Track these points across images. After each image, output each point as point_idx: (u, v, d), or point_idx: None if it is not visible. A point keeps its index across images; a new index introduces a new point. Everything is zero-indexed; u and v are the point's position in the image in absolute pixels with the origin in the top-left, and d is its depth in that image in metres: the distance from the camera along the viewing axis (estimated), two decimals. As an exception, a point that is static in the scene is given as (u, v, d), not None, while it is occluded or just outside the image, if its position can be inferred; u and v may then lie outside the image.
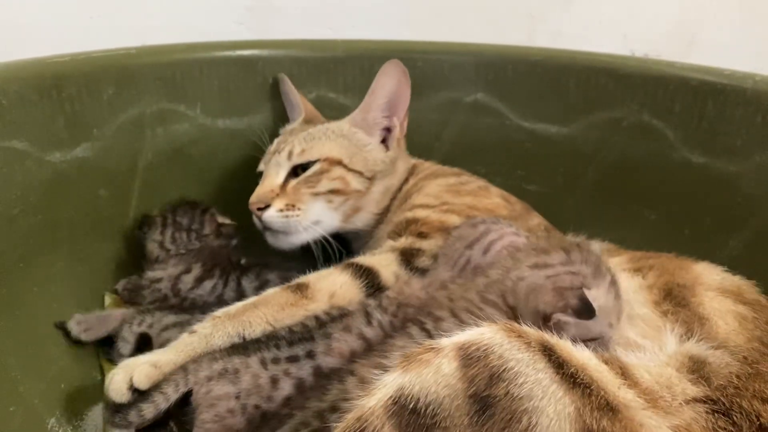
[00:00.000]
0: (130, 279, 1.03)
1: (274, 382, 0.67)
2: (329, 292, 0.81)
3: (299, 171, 1.02)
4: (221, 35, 1.26)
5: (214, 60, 1.15)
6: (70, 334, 0.90)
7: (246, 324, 0.77)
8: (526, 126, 1.23)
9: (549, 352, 0.52)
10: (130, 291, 1.01)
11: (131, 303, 0.98)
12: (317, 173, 1.01)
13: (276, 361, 0.69)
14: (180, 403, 0.69)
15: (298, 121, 1.16)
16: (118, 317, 0.92)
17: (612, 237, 0.97)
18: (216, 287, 0.96)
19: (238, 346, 0.74)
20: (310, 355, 0.69)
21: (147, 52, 1.10)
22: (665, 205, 1.08)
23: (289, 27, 1.47)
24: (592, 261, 0.68)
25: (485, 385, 0.48)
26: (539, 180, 1.23)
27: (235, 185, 1.17)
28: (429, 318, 0.68)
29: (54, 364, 0.84)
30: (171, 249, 1.00)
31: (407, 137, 1.14)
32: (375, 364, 0.60)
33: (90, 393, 0.83)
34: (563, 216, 1.11)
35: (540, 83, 1.20)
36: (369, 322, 0.72)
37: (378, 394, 0.50)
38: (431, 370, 0.50)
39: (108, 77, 1.00)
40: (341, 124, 1.09)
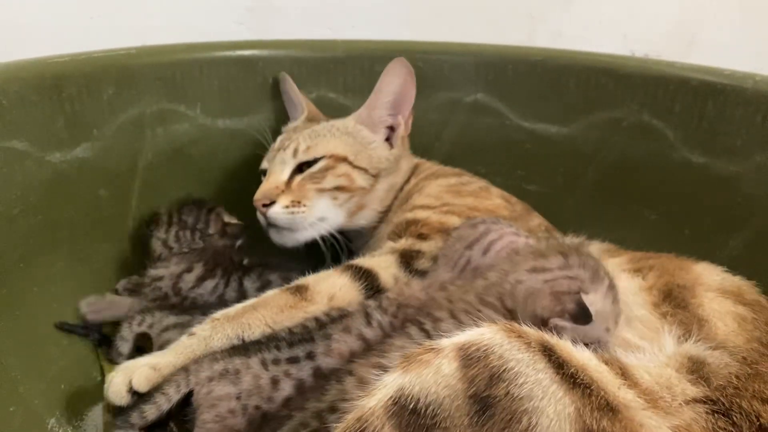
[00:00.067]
0: (130, 279, 1.03)
1: (274, 382, 0.67)
2: (328, 294, 0.81)
3: (304, 168, 1.02)
4: (221, 35, 1.26)
5: (214, 60, 1.15)
6: (71, 331, 0.91)
7: (245, 326, 0.77)
8: (526, 126, 1.23)
9: (549, 352, 0.52)
10: (130, 291, 1.01)
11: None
12: (323, 170, 1.01)
13: (276, 362, 0.69)
14: (180, 404, 0.69)
15: (301, 119, 1.16)
16: (126, 304, 0.94)
17: (612, 237, 0.97)
18: (217, 287, 0.95)
19: (238, 347, 0.74)
20: (310, 356, 0.69)
21: (147, 52, 1.10)
22: (665, 205, 1.08)
23: (289, 27, 1.47)
24: (590, 265, 0.68)
25: (485, 386, 0.48)
26: (539, 180, 1.23)
27: (235, 185, 1.18)
28: (428, 319, 0.68)
29: (54, 364, 0.84)
30: (174, 247, 1.01)
31: (408, 137, 1.14)
32: (373, 364, 0.61)
33: (90, 393, 0.84)
34: (563, 216, 1.11)
35: (540, 83, 1.20)
36: (369, 322, 0.72)
37: (378, 394, 0.50)
38: (431, 370, 0.50)
39: (108, 77, 1.00)
40: (346, 121, 1.09)
